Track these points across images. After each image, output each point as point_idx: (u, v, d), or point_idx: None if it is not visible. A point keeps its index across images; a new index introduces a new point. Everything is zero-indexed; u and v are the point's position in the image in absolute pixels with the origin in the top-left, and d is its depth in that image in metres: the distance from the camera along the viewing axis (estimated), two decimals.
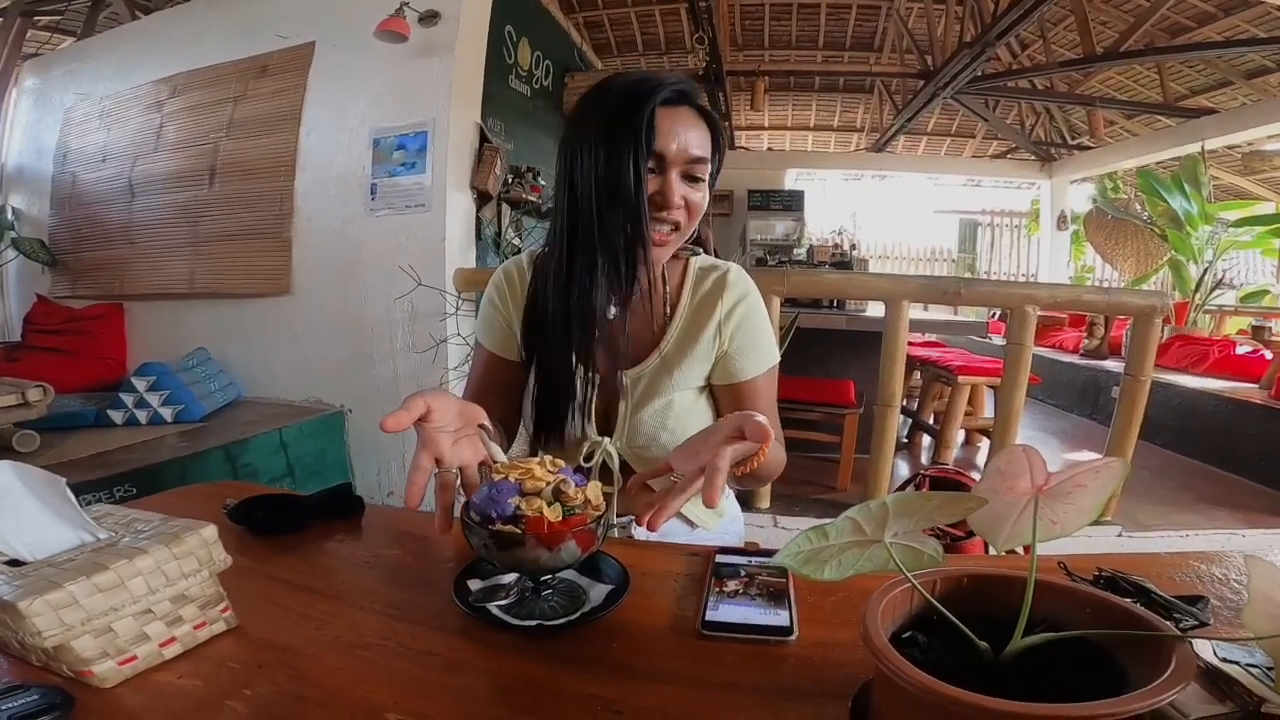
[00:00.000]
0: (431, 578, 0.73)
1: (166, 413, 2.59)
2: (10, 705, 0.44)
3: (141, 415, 2.57)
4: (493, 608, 0.64)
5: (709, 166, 0.89)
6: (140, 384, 2.60)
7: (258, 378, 3.06)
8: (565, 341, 0.90)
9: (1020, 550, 0.56)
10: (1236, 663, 0.49)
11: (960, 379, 3.29)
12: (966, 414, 3.51)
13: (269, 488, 0.97)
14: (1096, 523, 1.94)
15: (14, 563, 0.52)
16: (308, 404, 2.96)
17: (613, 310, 0.92)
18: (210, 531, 0.56)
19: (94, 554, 0.51)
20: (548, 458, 0.67)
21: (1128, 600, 0.48)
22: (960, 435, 3.66)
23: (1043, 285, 2.70)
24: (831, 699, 0.53)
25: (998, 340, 5.60)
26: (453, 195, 2.70)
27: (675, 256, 0.98)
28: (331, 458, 2.87)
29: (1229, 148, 6.64)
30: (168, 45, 3.34)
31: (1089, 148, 7.69)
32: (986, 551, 1.05)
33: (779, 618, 0.64)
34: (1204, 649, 0.51)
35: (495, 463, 0.69)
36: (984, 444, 3.88)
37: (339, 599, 0.68)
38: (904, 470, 3.49)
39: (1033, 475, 0.46)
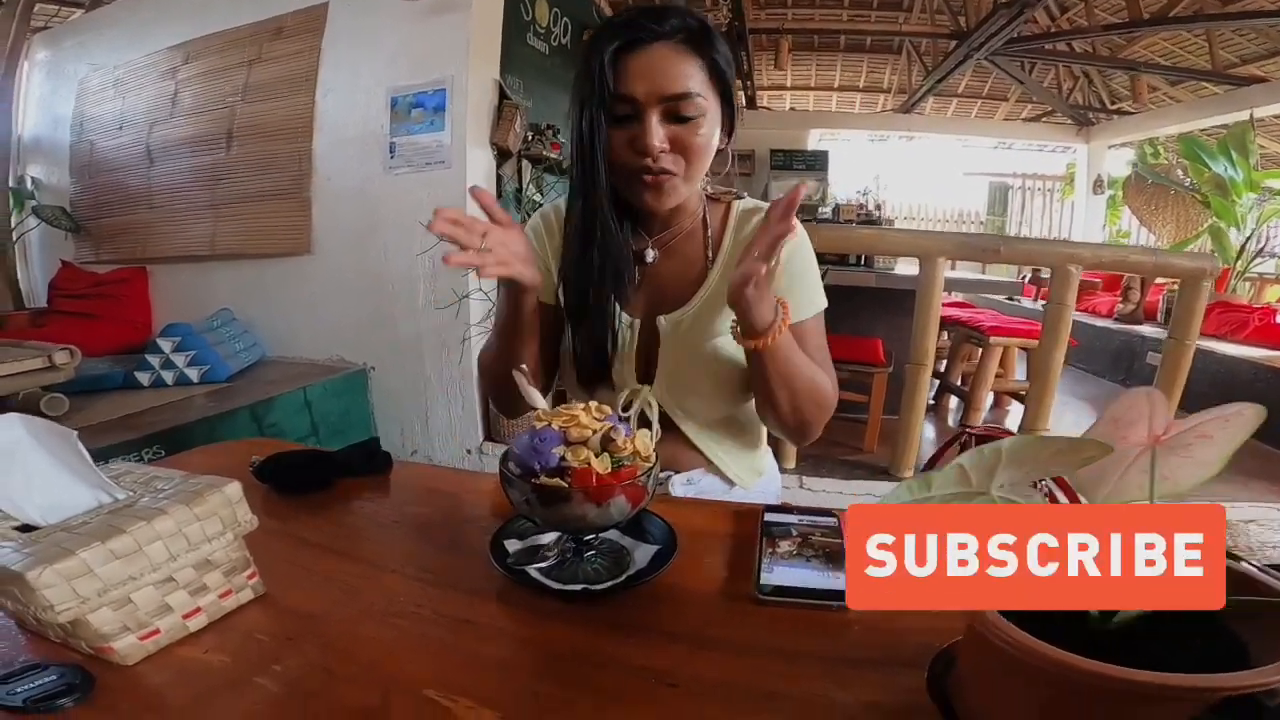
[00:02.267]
0: (465, 538, 0.69)
1: (193, 373, 2.59)
2: (29, 687, 0.41)
3: (168, 376, 2.57)
4: (533, 571, 0.60)
5: (699, 101, 0.78)
6: (166, 345, 2.58)
7: (281, 337, 3.07)
8: (601, 286, 0.86)
9: None
10: None
11: (992, 340, 3.17)
12: (996, 376, 3.40)
13: (296, 444, 0.94)
14: None
15: (26, 528, 0.49)
16: (331, 362, 2.97)
17: (651, 254, 0.89)
18: (234, 489, 0.52)
19: (110, 516, 0.48)
20: (593, 404, 0.62)
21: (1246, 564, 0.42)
22: (989, 398, 3.53)
23: (1087, 245, 2.57)
24: (903, 668, 0.50)
25: (1026, 303, 5.47)
26: (472, 152, 2.67)
27: (717, 199, 0.93)
28: (355, 416, 2.89)
29: (1276, 116, 6.36)
30: (179, 12, 3.30)
31: (1129, 113, 7.40)
32: None
33: (839, 581, 0.60)
34: None
35: (535, 409, 0.64)
36: (1013, 407, 3.76)
37: (369, 562, 0.64)
38: (930, 432, 3.40)
39: (1152, 423, 0.40)
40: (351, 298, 2.90)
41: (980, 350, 3.38)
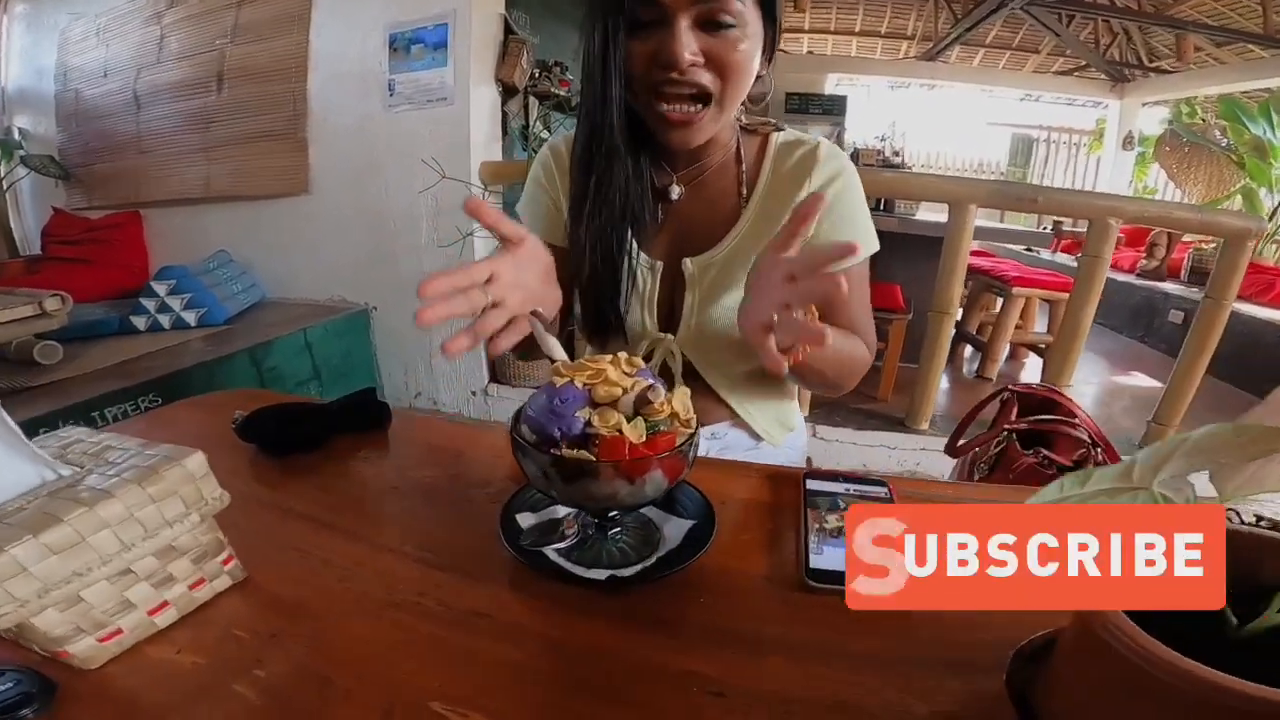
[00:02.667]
0: (472, 507, 0.61)
1: (189, 316, 2.53)
2: None
3: (165, 320, 2.51)
4: (551, 553, 0.52)
5: (739, 8, 0.65)
6: (160, 288, 2.51)
7: (280, 278, 3.02)
8: (618, 225, 0.76)
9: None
10: None
11: (1015, 290, 3.09)
12: (1015, 328, 3.32)
13: (285, 395, 0.85)
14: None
15: None
16: (332, 303, 2.93)
17: (676, 191, 0.78)
18: (197, 462, 0.43)
19: (47, 501, 0.39)
20: (622, 356, 0.53)
21: None
22: (1006, 349, 3.46)
23: (1129, 198, 2.42)
24: (979, 671, 0.43)
25: (1044, 255, 5.34)
26: (477, 89, 2.56)
27: (753, 131, 0.82)
28: (357, 358, 2.84)
29: None
30: None
31: (1167, 71, 7.12)
32: None
33: None
34: None
35: (554, 362, 0.54)
36: (1030, 359, 3.69)
37: (365, 539, 0.56)
38: (945, 382, 3.32)
39: None
40: (352, 237, 2.85)
41: (999, 300, 3.29)
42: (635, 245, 0.78)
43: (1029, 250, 5.51)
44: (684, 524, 0.57)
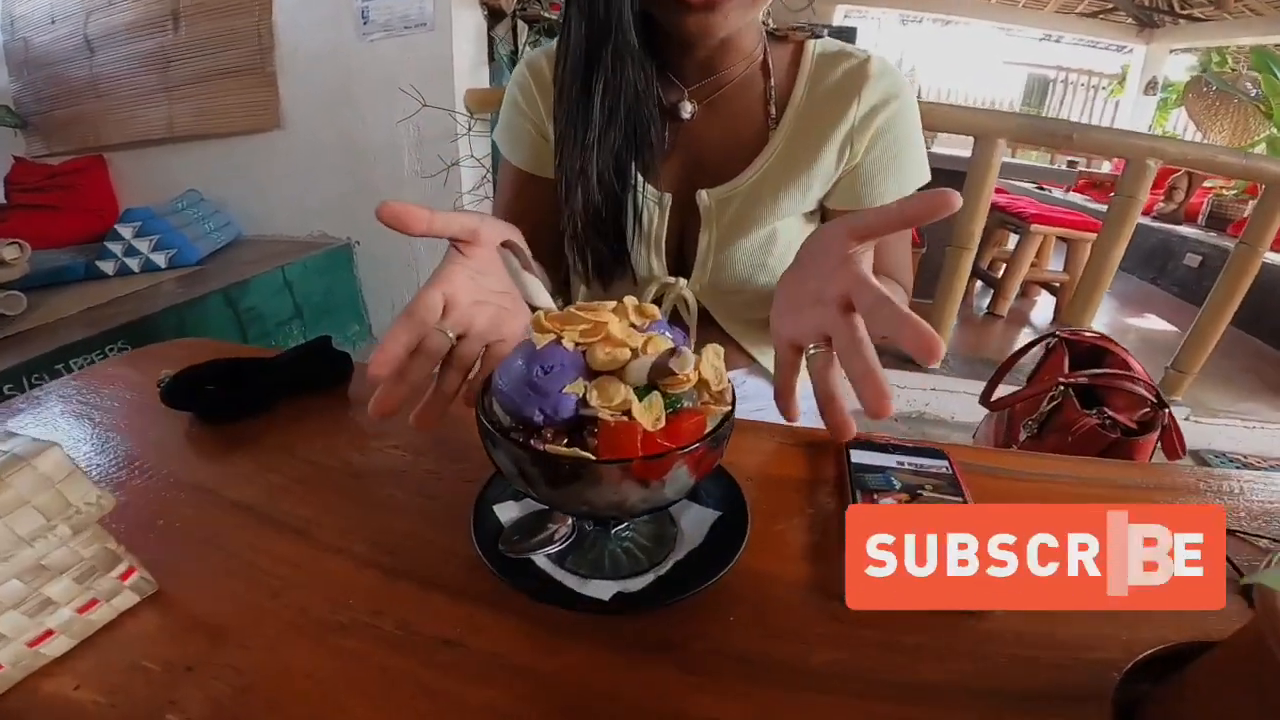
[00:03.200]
0: (444, 492, 0.50)
1: (160, 258, 2.42)
2: None
3: (133, 264, 2.40)
4: (541, 559, 0.42)
5: None
6: (126, 231, 2.40)
7: (256, 216, 2.92)
8: (617, 151, 0.62)
9: None
10: None
11: (1033, 228, 3.00)
12: (1030, 265, 3.25)
13: (237, 347, 0.73)
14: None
15: None
16: (312, 239, 2.84)
17: (688, 109, 0.65)
18: (53, 462, 0.32)
19: None
20: (629, 301, 0.40)
21: None
22: (1017, 286, 3.40)
23: (1171, 139, 2.29)
24: (1086, 701, 0.34)
25: (1056, 194, 5.22)
26: (459, 12, 2.36)
27: (784, 38, 0.68)
28: (341, 294, 2.76)
29: None
30: None
31: (1200, 19, 6.85)
32: (1160, 453, 0.81)
33: None
34: None
35: (535, 310, 0.40)
36: (1041, 297, 3.66)
37: (308, 537, 0.45)
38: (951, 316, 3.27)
39: None
40: (330, 171, 2.72)
41: (1011, 237, 3.24)
42: (640, 175, 0.65)
43: (1040, 188, 5.37)
44: (706, 515, 0.46)
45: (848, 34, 7.83)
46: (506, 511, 0.46)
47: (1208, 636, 0.34)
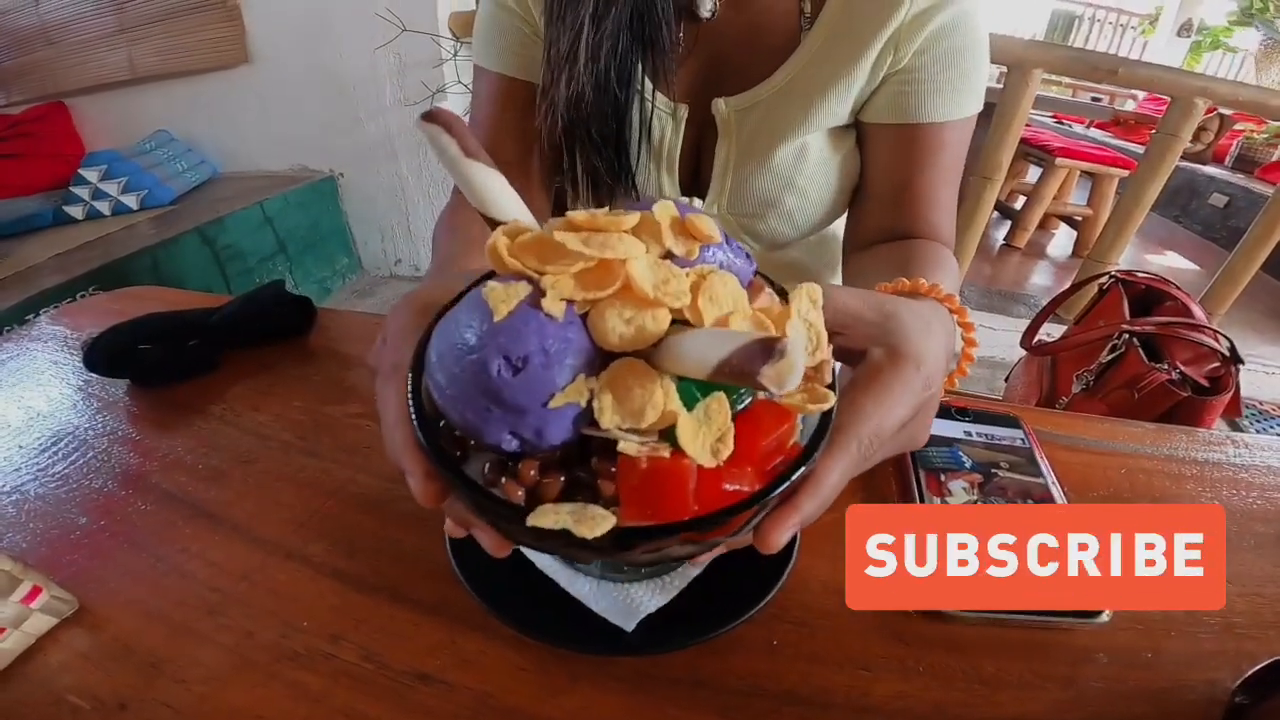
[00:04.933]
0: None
1: (130, 200, 2.33)
2: None
3: (103, 207, 2.31)
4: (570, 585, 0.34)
5: None
6: (91, 175, 2.31)
7: (232, 153, 2.81)
8: (625, 54, 0.51)
9: None
10: None
11: (1059, 161, 2.91)
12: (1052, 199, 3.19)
13: (194, 295, 0.65)
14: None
15: None
16: (293, 172, 2.73)
17: (708, 6, 0.54)
18: None
19: None
20: (664, 210, 0.23)
21: None
22: (1038, 219, 3.33)
23: (1223, 80, 2.16)
24: None
25: (1078, 128, 5.03)
26: None
27: None
28: (327, 227, 2.69)
29: None
30: None
31: None
32: (1230, 411, 0.73)
33: None
34: None
35: (494, 227, 0.25)
36: (1060, 230, 3.58)
37: (253, 536, 0.38)
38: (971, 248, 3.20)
39: None
40: (307, 104, 2.60)
41: (1030, 169, 3.17)
42: (648, 81, 0.54)
43: (1060, 123, 5.19)
44: None
45: None
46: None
47: None
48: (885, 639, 0.33)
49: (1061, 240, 3.50)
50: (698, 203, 0.60)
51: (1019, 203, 3.26)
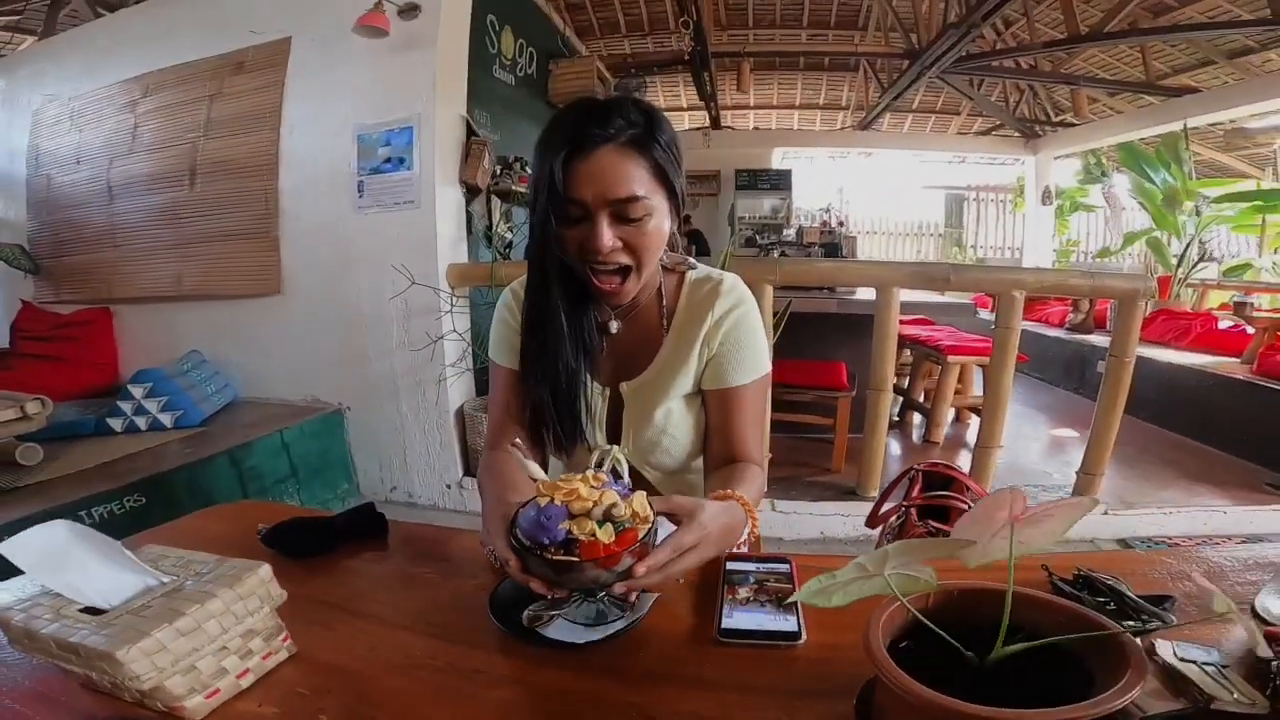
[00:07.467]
0: (464, 595, 0.79)
1: (166, 419, 2.60)
2: None
3: (141, 422, 2.58)
4: (552, 631, 0.69)
5: (645, 202, 0.82)
6: (137, 391, 2.60)
7: (253, 378, 3.06)
8: (575, 367, 0.93)
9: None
10: (1194, 662, 0.55)
11: (950, 359, 3.32)
12: (956, 392, 3.56)
13: (296, 508, 1.01)
14: None
15: (91, 610, 0.57)
16: (306, 403, 2.98)
17: (615, 326, 0.98)
18: (266, 571, 0.61)
19: (167, 599, 0.56)
20: (589, 473, 0.68)
21: (1091, 610, 0.52)
22: (950, 414, 3.69)
23: (1029, 270, 2.78)
24: (839, 696, 0.59)
25: (984, 315, 5.62)
26: (442, 190, 2.70)
27: (672, 270, 1.01)
28: (333, 456, 2.91)
29: (1211, 125, 6.66)
30: (137, 43, 3.26)
31: (1073, 124, 7.73)
32: None
33: (788, 623, 0.70)
34: (1165, 649, 0.57)
35: (535, 480, 0.71)
36: (974, 421, 3.82)
37: (383, 620, 0.73)
38: (896, 449, 3.57)
39: (1011, 509, 0.51)
40: (324, 338, 2.91)
41: (940, 368, 3.48)
42: (588, 375, 0.96)
43: (976, 313, 5.80)
44: (647, 597, 0.73)
45: (785, 176, 8.65)
46: (530, 611, 0.72)
47: None
48: (691, 652, 0.68)
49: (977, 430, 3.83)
50: (616, 448, 0.93)
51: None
